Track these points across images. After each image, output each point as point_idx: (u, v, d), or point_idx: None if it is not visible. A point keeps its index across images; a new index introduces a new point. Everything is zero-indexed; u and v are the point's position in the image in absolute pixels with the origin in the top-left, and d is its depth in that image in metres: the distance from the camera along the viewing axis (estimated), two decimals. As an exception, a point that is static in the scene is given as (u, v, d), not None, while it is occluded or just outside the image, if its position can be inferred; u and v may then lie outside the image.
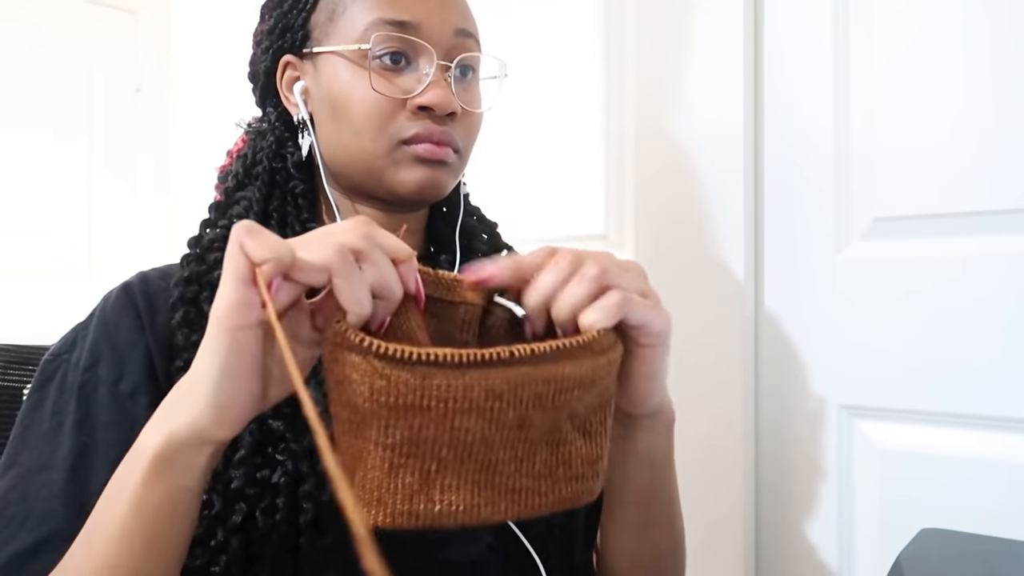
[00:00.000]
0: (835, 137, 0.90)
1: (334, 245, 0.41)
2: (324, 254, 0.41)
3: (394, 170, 0.65)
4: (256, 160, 0.68)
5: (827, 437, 0.90)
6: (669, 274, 0.99)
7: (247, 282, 0.41)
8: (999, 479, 0.79)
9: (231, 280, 0.41)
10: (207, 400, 0.43)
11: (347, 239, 0.42)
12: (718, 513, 0.95)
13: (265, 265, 0.40)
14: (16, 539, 0.53)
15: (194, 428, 0.44)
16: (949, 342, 0.81)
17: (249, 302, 0.41)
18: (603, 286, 0.47)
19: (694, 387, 0.97)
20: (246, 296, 0.41)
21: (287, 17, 0.69)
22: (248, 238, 0.41)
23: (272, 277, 0.41)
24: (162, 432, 0.45)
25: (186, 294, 0.61)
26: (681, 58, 0.99)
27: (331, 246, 0.41)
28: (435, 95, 0.63)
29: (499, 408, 0.41)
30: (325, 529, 0.57)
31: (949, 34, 0.83)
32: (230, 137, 0.77)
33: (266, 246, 0.40)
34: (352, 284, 0.41)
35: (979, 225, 0.81)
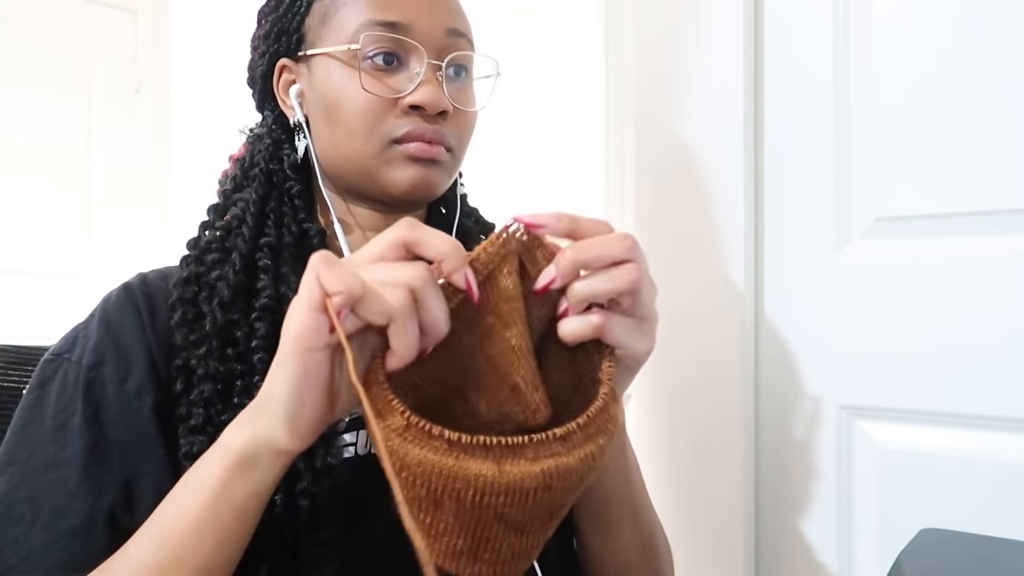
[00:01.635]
0: (835, 137, 0.90)
1: (400, 290, 0.43)
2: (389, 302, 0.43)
3: (386, 170, 0.65)
4: (253, 162, 0.69)
5: (827, 437, 0.90)
6: (669, 274, 0.99)
7: (319, 309, 0.43)
8: (999, 479, 0.79)
9: (304, 306, 0.44)
10: (280, 415, 0.46)
11: (411, 280, 0.44)
12: (718, 513, 0.95)
13: (336, 297, 0.42)
14: (28, 537, 0.54)
15: (269, 438, 0.47)
16: (949, 342, 0.81)
17: (319, 327, 0.44)
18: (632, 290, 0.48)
19: (694, 387, 0.97)
20: (316, 321, 0.44)
21: (282, 21, 0.69)
22: (325, 269, 0.43)
23: (341, 308, 0.43)
24: (244, 437, 0.48)
25: (185, 295, 0.62)
26: (681, 58, 0.99)
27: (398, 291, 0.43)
28: (425, 93, 0.64)
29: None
30: (322, 525, 0.57)
31: (949, 34, 0.83)
32: (230, 137, 0.77)
33: (340, 279, 0.42)
34: (405, 335, 0.44)
35: (979, 225, 0.81)
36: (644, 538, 0.67)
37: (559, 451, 0.42)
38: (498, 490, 0.41)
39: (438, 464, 0.40)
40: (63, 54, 2.09)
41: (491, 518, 0.42)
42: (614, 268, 0.48)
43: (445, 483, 0.40)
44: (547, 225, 0.48)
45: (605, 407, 0.45)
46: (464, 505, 0.41)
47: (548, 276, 0.48)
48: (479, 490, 0.40)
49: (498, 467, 0.41)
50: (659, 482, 0.98)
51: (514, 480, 0.41)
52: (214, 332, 0.60)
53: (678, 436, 0.99)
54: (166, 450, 0.58)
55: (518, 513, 0.42)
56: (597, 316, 0.48)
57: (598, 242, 0.48)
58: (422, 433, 0.41)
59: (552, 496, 0.42)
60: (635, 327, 0.50)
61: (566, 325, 0.48)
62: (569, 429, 0.43)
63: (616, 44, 1.07)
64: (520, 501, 0.41)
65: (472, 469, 0.40)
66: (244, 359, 0.60)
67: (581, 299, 0.48)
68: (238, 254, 0.63)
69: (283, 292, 0.62)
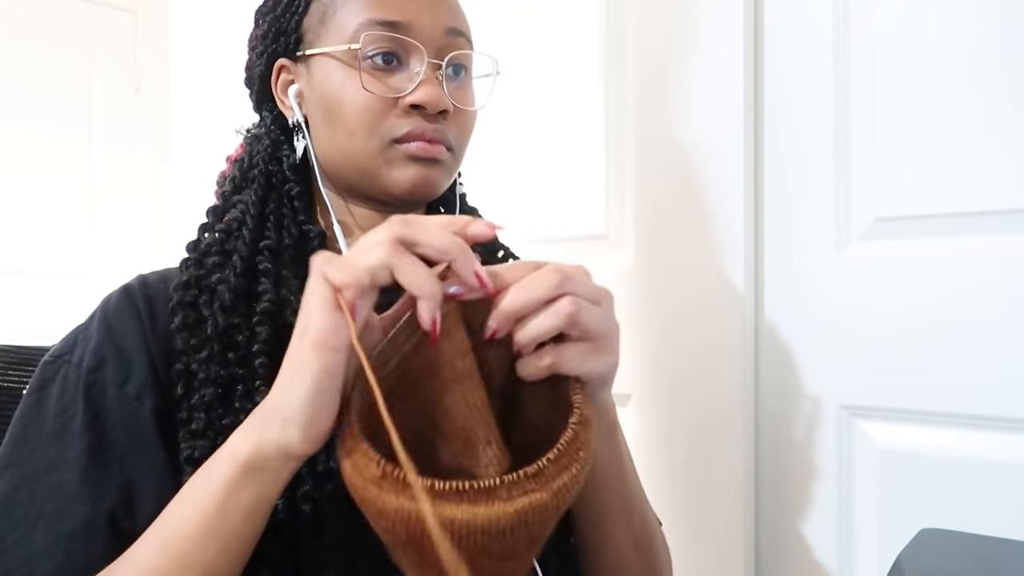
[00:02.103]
0: (835, 137, 0.90)
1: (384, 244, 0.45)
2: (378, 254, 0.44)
3: (387, 169, 0.65)
4: (252, 163, 0.69)
5: (827, 437, 0.90)
6: (669, 274, 0.99)
7: (335, 307, 0.44)
8: (999, 479, 0.79)
9: (320, 307, 0.44)
10: (296, 419, 0.46)
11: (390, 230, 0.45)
12: (718, 513, 0.95)
13: (347, 291, 0.43)
14: (29, 540, 0.54)
15: (281, 442, 0.47)
16: (949, 342, 0.81)
17: (340, 325, 0.44)
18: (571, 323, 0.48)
19: (694, 387, 0.97)
20: (336, 320, 0.44)
21: (280, 21, 0.69)
22: (328, 267, 0.44)
23: (355, 300, 0.44)
24: (252, 442, 0.48)
25: (185, 298, 0.62)
26: (681, 58, 0.99)
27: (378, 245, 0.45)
28: (426, 93, 0.63)
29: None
30: (324, 529, 0.57)
31: (949, 34, 0.83)
32: (230, 137, 0.77)
33: (346, 272, 0.43)
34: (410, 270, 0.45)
35: (979, 225, 0.81)
36: (640, 535, 0.67)
37: (532, 488, 0.43)
38: (475, 531, 0.41)
39: (414, 511, 0.41)
40: (63, 54, 2.09)
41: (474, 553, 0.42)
42: (550, 305, 0.48)
43: (423, 529, 0.41)
44: (464, 292, 0.48)
45: (575, 437, 0.45)
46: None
47: (489, 329, 0.48)
48: (456, 533, 0.41)
49: (473, 510, 0.42)
50: (659, 482, 0.98)
51: (490, 522, 0.42)
52: (215, 336, 0.60)
53: (678, 436, 0.99)
54: (166, 453, 0.58)
55: (499, 547, 0.43)
56: (548, 354, 0.48)
57: (524, 287, 0.48)
58: (396, 482, 0.42)
59: (530, 530, 0.43)
60: (589, 351, 0.50)
61: (522, 367, 0.49)
62: (540, 466, 0.43)
63: (616, 44, 1.07)
64: (498, 538, 0.42)
65: (447, 514, 0.41)
66: (245, 363, 0.60)
67: (526, 344, 0.48)
68: (238, 257, 0.63)
69: (284, 295, 0.62)
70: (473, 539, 0.41)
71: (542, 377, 0.49)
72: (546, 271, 0.49)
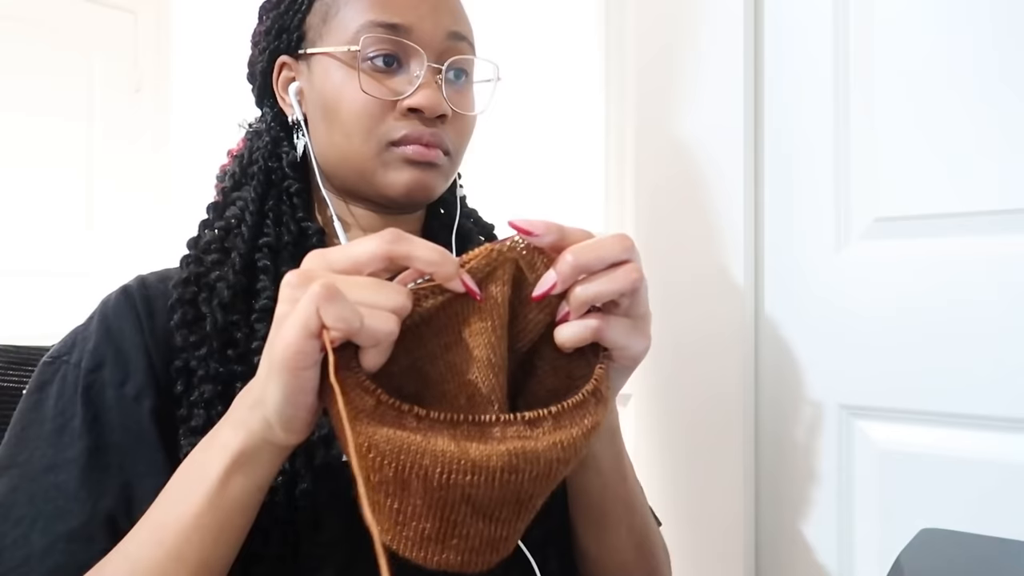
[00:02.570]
0: (835, 137, 0.90)
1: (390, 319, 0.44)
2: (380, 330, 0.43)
3: (383, 172, 0.65)
4: (252, 160, 0.69)
5: (827, 437, 0.90)
6: (669, 274, 0.99)
7: (315, 337, 0.42)
8: (999, 479, 0.79)
9: (299, 331, 0.42)
10: (274, 419, 0.46)
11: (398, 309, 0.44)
12: (718, 513, 0.95)
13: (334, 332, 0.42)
14: (27, 540, 0.54)
15: (267, 436, 0.47)
16: (949, 342, 0.81)
17: (312, 351, 0.43)
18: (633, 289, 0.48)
19: (694, 387, 0.97)
20: (310, 347, 0.43)
21: (283, 18, 0.69)
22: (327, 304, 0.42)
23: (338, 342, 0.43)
24: (240, 433, 0.48)
25: (185, 295, 0.62)
26: (681, 58, 0.99)
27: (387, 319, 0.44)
28: (424, 96, 0.63)
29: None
30: (323, 526, 0.57)
31: (949, 34, 0.83)
32: (230, 136, 0.77)
33: (341, 318, 0.42)
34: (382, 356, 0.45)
35: (979, 225, 0.81)
36: (640, 537, 0.67)
37: (526, 434, 0.43)
38: (464, 468, 0.41)
39: (406, 441, 0.40)
40: (63, 54, 2.09)
41: (458, 499, 0.42)
42: (614, 269, 0.47)
43: (413, 460, 0.40)
44: (537, 233, 0.47)
45: (583, 401, 0.45)
46: (431, 484, 0.41)
47: (548, 281, 0.47)
48: (446, 467, 0.41)
49: (465, 444, 0.41)
50: (659, 482, 0.98)
51: (480, 457, 0.41)
52: (214, 333, 0.60)
53: (678, 436, 0.99)
54: (165, 453, 0.58)
55: (485, 495, 0.42)
56: (595, 320, 0.48)
57: (596, 244, 0.47)
58: (392, 409, 0.41)
59: (519, 480, 0.42)
60: (632, 327, 0.49)
61: (564, 331, 0.48)
62: (539, 414, 0.43)
63: (616, 44, 1.07)
64: (487, 481, 0.41)
65: (439, 445, 0.41)
66: (244, 360, 0.60)
67: (584, 302, 0.47)
68: (237, 254, 0.63)
69: None
70: (461, 478, 0.41)
71: (582, 344, 0.48)
72: (616, 235, 0.48)
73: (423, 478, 0.41)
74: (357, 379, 0.42)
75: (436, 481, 0.41)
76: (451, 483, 0.41)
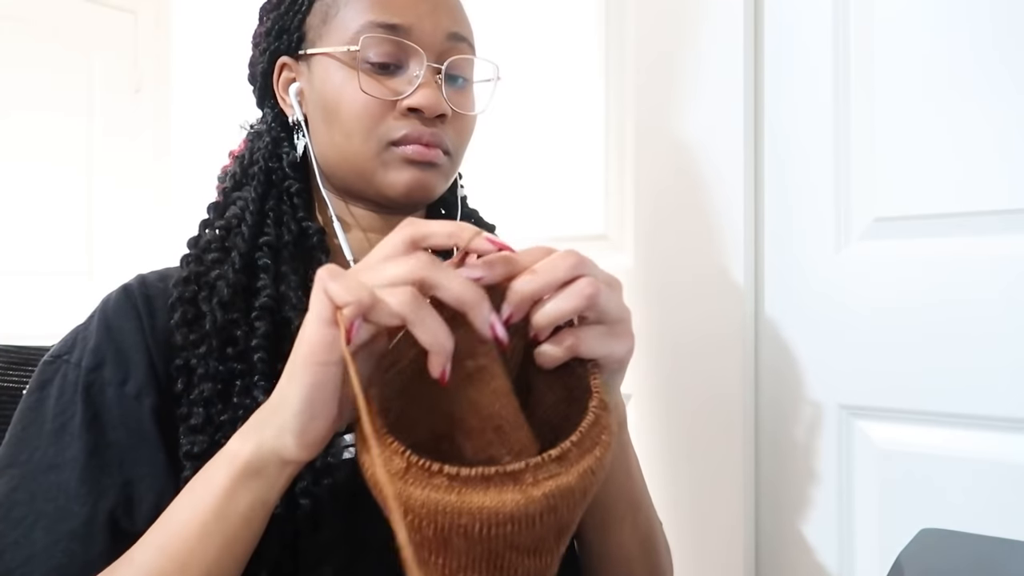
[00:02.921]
0: (835, 137, 0.90)
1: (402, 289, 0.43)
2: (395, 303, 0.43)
3: (383, 171, 0.65)
4: (253, 160, 0.69)
5: (827, 437, 0.90)
6: (669, 274, 0.99)
7: (330, 323, 0.43)
8: (999, 479, 0.79)
9: (315, 321, 0.44)
10: (290, 427, 0.46)
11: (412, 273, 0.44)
12: (718, 513, 0.95)
13: (347, 308, 0.42)
14: (28, 540, 0.54)
15: (277, 447, 0.47)
16: (949, 342, 0.81)
17: (332, 341, 0.43)
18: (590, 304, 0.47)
19: (694, 387, 0.97)
20: (330, 335, 0.43)
21: (283, 19, 0.69)
22: (332, 282, 0.43)
23: (353, 319, 0.43)
24: (250, 446, 0.48)
25: (185, 294, 0.62)
26: (681, 59, 0.99)
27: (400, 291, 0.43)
28: (423, 96, 0.64)
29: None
30: (323, 525, 0.57)
31: (949, 34, 0.83)
32: (230, 137, 0.77)
33: (348, 289, 0.42)
34: (426, 326, 0.43)
35: (979, 225, 0.81)
36: (644, 534, 0.67)
37: (557, 471, 0.42)
38: (503, 519, 0.41)
39: (441, 502, 0.40)
40: (63, 54, 2.09)
41: (503, 547, 0.42)
42: (568, 287, 0.48)
43: (451, 520, 0.40)
44: (483, 277, 0.47)
45: (597, 420, 0.45)
46: (473, 540, 0.41)
47: (505, 313, 0.48)
48: (484, 523, 0.40)
49: (500, 497, 0.41)
50: (659, 482, 0.98)
51: (518, 507, 0.41)
52: (214, 331, 0.60)
53: (678, 436, 0.99)
54: (166, 453, 0.58)
55: (527, 538, 0.42)
56: (567, 337, 0.48)
57: (543, 269, 0.47)
58: (423, 472, 0.41)
59: (558, 516, 0.42)
60: (608, 333, 0.49)
61: (541, 353, 0.49)
62: (564, 449, 0.43)
63: (616, 44, 1.07)
64: (528, 527, 0.41)
65: (475, 502, 0.40)
66: (244, 358, 0.60)
67: (545, 326, 0.48)
68: (237, 253, 0.63)
69: (283, 291, 0.62)
70: (502, 530, 0.41)
71: (561, 362, 0.49)
72: (562, 253, 0.49)
73: (464, 536, 0.41)
74: (386, 442, 0.42)
75: (477, 536, 0.41)
76: (492, 535, 0.41)
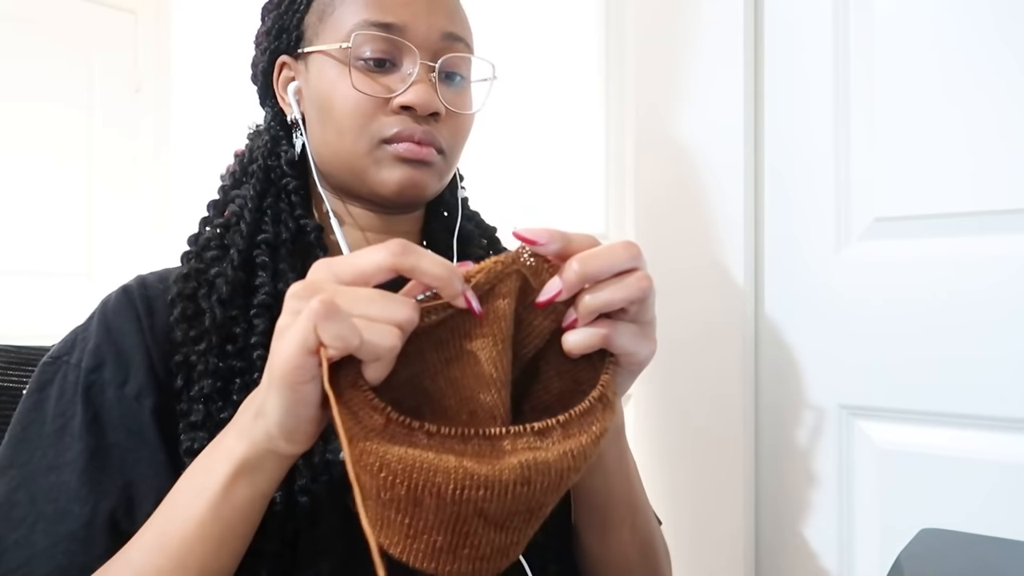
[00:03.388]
0: (835, 137, 0.90)
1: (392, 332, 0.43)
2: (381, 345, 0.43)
3: (375, 169, 0.65)
4: (252, 159, 0.69)
5: (827, 437, 0.90)
6: (669, 274, 0.99)
7: (312, 353, 0.42)
8: (999, 479, 0.79)
9: (297, 347, 0.42)
10: (276, 430, 0.46)
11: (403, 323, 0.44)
12: (718, 513, 0.95)
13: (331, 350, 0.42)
14: (28, 541, 0.54)
15: (270, 447, 0.47)
16: (949, 342, 0.81)
17: (310, 367, 0.43)
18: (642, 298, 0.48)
19: (694, 388, 0.97)
20: (308, 362, 0.43)
21: (283, 18, 0.70)
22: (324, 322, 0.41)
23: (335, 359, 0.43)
24: (244, 442, 0.48)
25: (185, 290, 0.62)
26: (681, 58, 0.99)
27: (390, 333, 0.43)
28: (416, 94, 0.63)
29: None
30: (320, 521, 0.57)
31: (949, 34, 0.82)
32: (230, 136, 0.77)
33: (338, 336, 0.41)
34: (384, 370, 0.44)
35: (979, 225, 0.81)
36: (643, 538, 0.67)
37: (537, 445, 0.42)
38: (477, 483, 0.41)
39: (418, 459, 0.40)
40: (63, 53, 2.09)
41: (471, 513, 0.42)
42: (623, 277, 0.47)
43: (426, 478, 0.40)
44: (541, 242, 0.47)
45: (590, 409, 0.45)
46: (444, 500, 0.41)
47: (553, 288, 0.47)
48: (458, 483, 0.40)
49: (476, 459, 0.41)
50: (659, 482, 0.98)
51: (492, 472, 0.41)
52: (213, 328, 0.60)
53: (678, 436, 0.99)
54: (166, 453, 0.58)
55: (497, 508, 0.42)
56: (603, 327, 0.48)
57: (603, 252, 0.47)
58: (402, 427, 0.41)
59: (531, 491, 0.42)
60: (640, 333, 0.50)
61: (572, 337, 0.48)
62: (548, 424, 0.43)
63: (616, 44, 1.07)
64: (500, 495, 0.41)
65: (451, 462, 0.41)
66: (243, 355, 0.60)
67: (593, 310, 0.47)
68: (236, 251, 0.63)
69: (281, 288, 0.62)
70: (474, 493, 0.41)
71: (588, 351, 0.48)
72: (624, 243, 0.48)
73: (436, 495, 0.41)
74: (365, 397, 0.42)
75: (449, 497, 0.41)
76: (464, 498, 0.41)
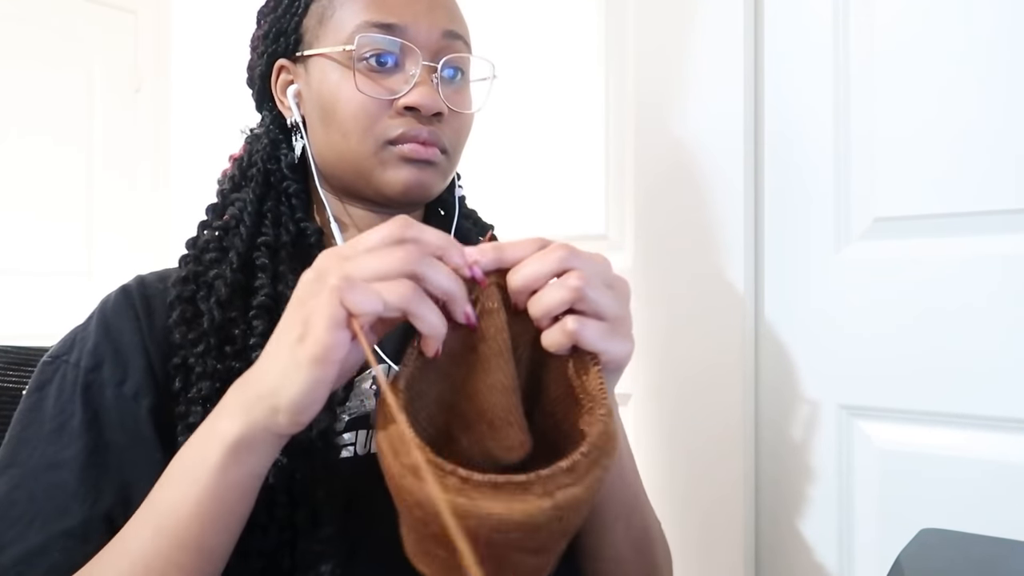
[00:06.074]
0: (835, 137, 0.90)
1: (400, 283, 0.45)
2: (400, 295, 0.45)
3: (381, 170, 0.65)
4: (251, 162, 0.70)
5: (827, 437, 0.90)
6: (669, 275, 0.99)
7: (344, 328, 0.45)
8: (999, 479, 0.79)
9: (328, 324, 0.44)
10: (287, 410, 0.46)
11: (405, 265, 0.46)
12: (718, 513, 0.95)
13: (363, 318, 0.44)
14: (25, 537, 0.54)
15: (270, 426, 0.48)
16: (949, 342, 0.81)
17: (344, 343, 0.45)
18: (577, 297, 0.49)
19: (694, 388, 0.97)
20: (343, 339, 0.45)
21: (280, 22, 0.70)
22: (348, 294, 0.44)
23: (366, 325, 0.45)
24: (239, 422, 0.48)
25: (183, 293, 0.62)
26: (681, 58, 0.99)
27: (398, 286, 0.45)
28: (420, 95, 0.64)
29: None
30: (321, 523, 0.57)
31: (949, 34, 0.82)
32: (230, 137, 0.77)
33: (364, 303, 0.44)
34: (425, 316, 0.46)
35: (979, 225, 0.81)
36: (638, 535, 0.67)
37: (567, 483, 0.43)
38: (511, 527, 0.41)
39: (451, 504, 0.40)
40: (63, 54, 2.09)
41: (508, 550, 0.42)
42: (556, 280, 0.49)
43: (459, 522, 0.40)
44: (478, 261, 0.50)
45: (605, 429, 0.45)
46: (480, 541, 0.41)
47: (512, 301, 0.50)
48: (493, 528, 0.41)
49: (509, 505, 0.41)
50: (659, 482, 0.98)
51: (526, 517, 0.41)
52: (212, 330, 0.60)
53: (678, 436, 0.99)
54: (164, 453, 0.58)
55: (532, 542, 0.43)
56: (570, 322, 0.49)
57: (531, 262, 0.50)
58: (436, 469, 0.41)
59: (564, 524, 0.43)
60: (609, 330, 0.50)
61: (545, 337, 0.50)
62: (575, 460, 0.43)
63: (616, 44, 1.07)
64: (534, 532, 0.42)
65: (484, 508, 0.41)
66: (242, 357, 0.60)
67: (538, 316, 0.49)
68: (235, 253, 0.64)
69: (280, 290, 0.63)
70: (508, 535, 0.41)
71: (564, 348, 0.50)
72: (553, 246, 0.50)
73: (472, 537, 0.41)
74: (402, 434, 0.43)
75: (484, 539, 0.41)
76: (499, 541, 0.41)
